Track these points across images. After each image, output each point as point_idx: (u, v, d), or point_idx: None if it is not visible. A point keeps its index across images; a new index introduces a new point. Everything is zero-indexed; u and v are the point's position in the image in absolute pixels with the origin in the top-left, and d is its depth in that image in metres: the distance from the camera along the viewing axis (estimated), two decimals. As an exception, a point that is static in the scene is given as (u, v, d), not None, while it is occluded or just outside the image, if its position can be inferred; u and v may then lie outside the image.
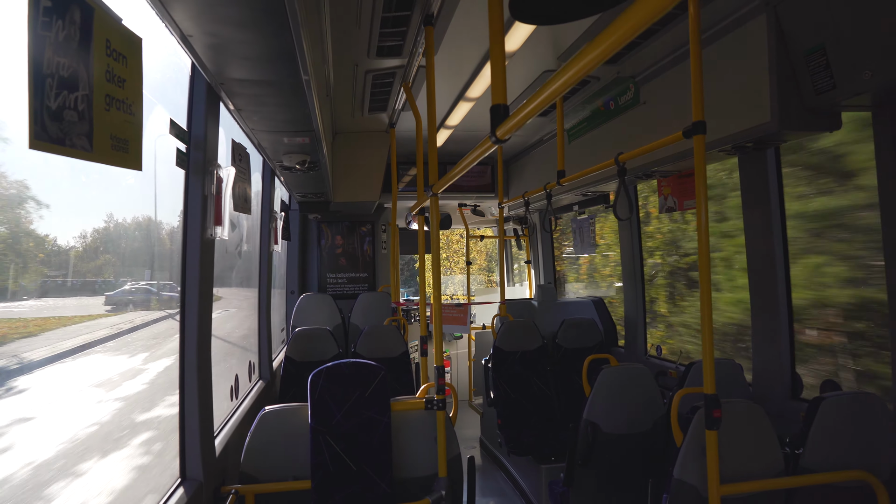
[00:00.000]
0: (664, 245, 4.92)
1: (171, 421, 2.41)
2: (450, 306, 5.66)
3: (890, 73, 2.20)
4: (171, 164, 2.19)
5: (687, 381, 3.16)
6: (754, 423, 2.33)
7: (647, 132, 3.70)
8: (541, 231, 6.93)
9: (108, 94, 1.31)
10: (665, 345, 4.72)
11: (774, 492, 2.30)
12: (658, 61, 3.55)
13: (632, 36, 1.00)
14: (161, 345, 2.72)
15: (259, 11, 1.62)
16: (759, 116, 2.71)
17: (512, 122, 1.53)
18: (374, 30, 2.94)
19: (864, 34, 2.26)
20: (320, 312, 5.69)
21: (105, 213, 2.18)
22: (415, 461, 2.58)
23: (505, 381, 4.77)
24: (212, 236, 2.41)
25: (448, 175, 2.38)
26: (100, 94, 1.27)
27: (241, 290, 4.53)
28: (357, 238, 7.00)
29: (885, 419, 2.32)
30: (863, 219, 3.06)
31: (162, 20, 1.64)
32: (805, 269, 3.30)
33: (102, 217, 2.18)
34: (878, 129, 2.51)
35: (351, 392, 2.52)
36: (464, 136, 5.60)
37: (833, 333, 3.27)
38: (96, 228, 2.14)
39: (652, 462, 3.05)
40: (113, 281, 2.34)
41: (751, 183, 3.26)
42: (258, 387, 4.13)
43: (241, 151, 2.79)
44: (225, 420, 3.12)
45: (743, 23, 2.80)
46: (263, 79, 2.24)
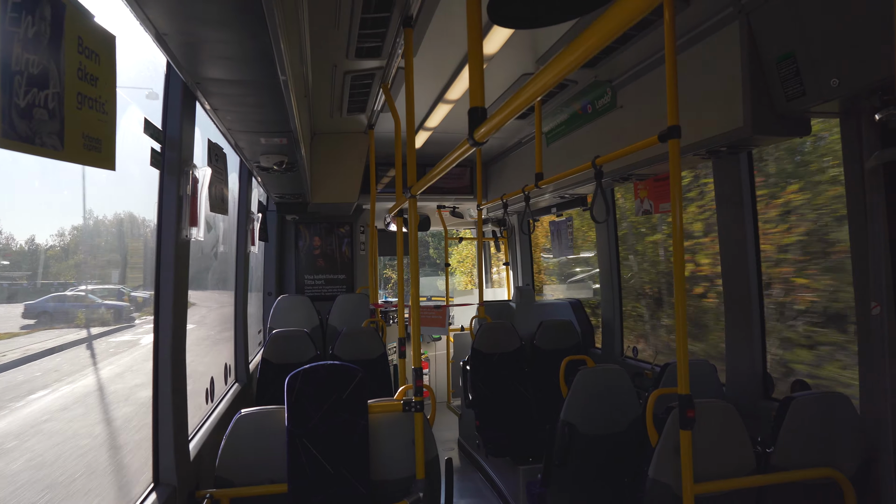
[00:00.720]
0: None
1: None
2: (428, 308, 5.66)
3: (856, 82, 2.26)
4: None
5: (662, 381, 3.20)
6: (727, 422, 2.37)
7: (624, 136, 3.74)
8: (519, 233, 6.97)
9: (80, 92, 1.29)
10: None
11: (746, 490, 2.35)
12: (634, 66, 3.59)
13: (608, 40, 1.01)
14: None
15: (235, 10, 1.60)
16: (733, 121, 2.76)
17: (490, 125, 1.54)
18: (353, 30, 2.93)
19: (832, 43, 2.32)
20: (298, 314, 5.64)
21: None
22: (392, 463, 2.57)
23: (483, 382, 4.79)
24: (187, 237, 2.38)
25: (426, 177, 2.38)
26: (71, 92, 1.25)
27: (216, 293, 4.45)
28: (335, 239, 6.96)
29: (852, 418, 2.38)
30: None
31: (136, 18, 1.62)
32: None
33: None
34: (845, 135, 2.57)
35: (328, 394, 2.51)
36: (443, 137, 5.60)
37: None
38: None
39: (628, 462, 3.09)
40: (55, 284, 1.99)
41: (724, 187, 3.32)
42: (234, 390, 4.08)
43: (218, 151, 2.76)
44: (200, 423, 3.07)
45: (717, 30, 2.85)
46: (240, 78, 2.22)
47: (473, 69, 1.67)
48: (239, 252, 4.52)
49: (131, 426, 2.44)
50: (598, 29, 1.01)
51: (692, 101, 2.98)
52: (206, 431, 2.96)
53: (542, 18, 2.02)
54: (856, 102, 2.42)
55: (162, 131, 2.22)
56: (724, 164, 3.30)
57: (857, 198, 2.53)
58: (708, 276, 4.34)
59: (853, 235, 2.58)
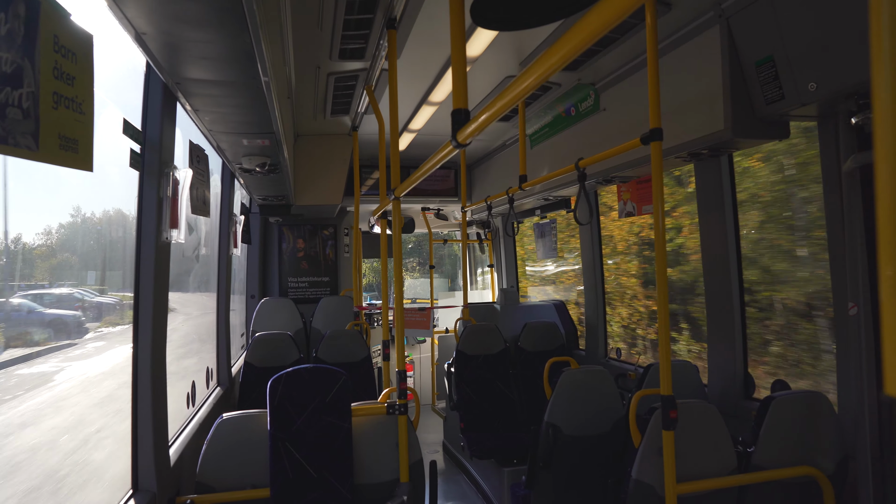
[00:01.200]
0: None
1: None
2: (412, 310, 5.64)
3: (832, 86, 2.30)
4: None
5: (645, 382, 3.22)
6: (709, 422, 2.39)
7: (607, 138, 3.77)
8: (503, 235, 6.98)
9: (56, 91, 1.27)
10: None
11: (727, 489, 2.37)
12: (617, 69, 3.62)
13: (590, 43, 1.01)
14: None
15: (216, 10, 1.58)
16: (714, 124, 2.79)
17: (473, 126, 1.54)
18: (336, 32, 2.92)
19: (810, 48, 2.36)
20: (281, 317, 5.60)
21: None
22: (376, 466, 2.56)
23: (467, 384, 4.78)
24: (167, 240, 2.35)
25: (410, 179, 2.37)
26: (47, 91, 1.23)
27: (197, 296, 4.39)
28: (319, 242, 6.92)
29: (831, 417, 2.42)
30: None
31: (115, 17, 1.59)
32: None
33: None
34: (823, 138, 2.62)
35: (311, 398, 2.49)
36: (427, 140, 5.60)
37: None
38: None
39: (612, 463, 3.10)
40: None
41: (706, 188, 3.35)
42: (216, 393, 4.04)
43: (200, 153, 2.73)
44: (181, 428, 3.03)
45: (698, 33, 2.89)
46: (222, 79, 2.20)
47: (457, 71, 1.67)
48: (221, 255, 4.47)
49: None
50: (580, 31, 1.01)
51: (674, 104, 3.01)
52: (186, 436, 2.92)
53: (525, 21, 2.03)
54: (833, 106, 2.46)
55: (141, 132, 2.19)
56: (705, 167, 3.33)
57: (835, 200, 2.57)
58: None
59: (830, 237, 2.62)
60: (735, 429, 2.54)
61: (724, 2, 2.67)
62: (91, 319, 2.39)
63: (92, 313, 2.39)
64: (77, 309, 2.25)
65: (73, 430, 2.14)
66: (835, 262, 2.60)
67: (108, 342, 2.51)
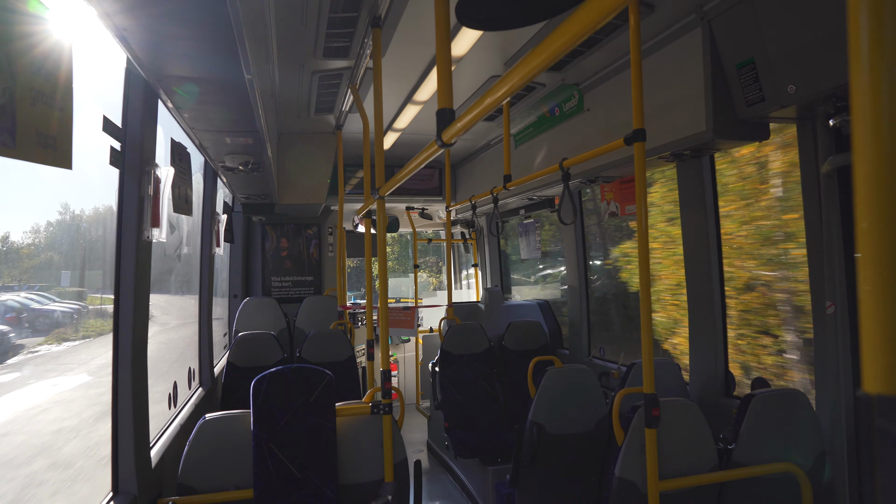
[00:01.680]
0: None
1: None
2: (397, 309, 5.63)
3: (810, 89, 2.33)
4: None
5: (628, 381, 3.25)
6: (690, 420, 2.42)
7: (591, 138, 3.79)
8: (488, 234, 7.00)
9: (34, 87, 1.24)
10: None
11: (709, 485, 2.41)
12: (601, 70, 3.65)
13: (574, 43, 1.02)
14: None
15: (198, 7, 1.57)
16: (696, 126, 2.82)
17: (458, 126, 1.54)
18: (320, 30, 2.90)
19: (789, 51, 2.39)
20: (264, 317, 5.56)
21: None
22: (361, 466, 2.55)
23: (452, 383, 4.79)
24: (148, 239, 2.32)
25: (394, 178, 2.37)
26: (24, 87, 1.20)
27: (178, 299, 4.31)
28: (303, 241, 6.87)
29: (809, 414, 2.46)
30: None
31: (95, 13, 1.57)
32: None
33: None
34: (802, 139, 2.66)
35: (295, 398, 2.47)
36: (411, 139, 5.59)
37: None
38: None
39: (595, 461, 3.12)
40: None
41: (688, 189, 3.39)
42: (198, 394, 4.00)
43: (181, 151, 2.70)
44: (162, 429, 3.00)
45: (680, 35, 2.91)
46: (204, 77, 2.18)
47: (442, 71, 1.67)
48: (203, 254, 4.43)
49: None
50: (564, 32, 1.02)
51: (657, 105, 3.04)
52: (168, 437, 2.89)
53: (510, 20, 2.04)
54: (811, 108, 2.50)
55: (122, 129, 2.16)
56: (687, 168, 3.37)
57: (813, 201, 2.61)
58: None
59: (809, 237, 2.66)
60: (716, 426, 2.57)
61: (706, 4, 2.70)
62: (31, 333, 1.97)
63: (40, 325, 2.00)
64: (10, 321, 1.81)
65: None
66: (813, 262, 2.65)
67: (36, 369, 2.03)
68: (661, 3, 2.77)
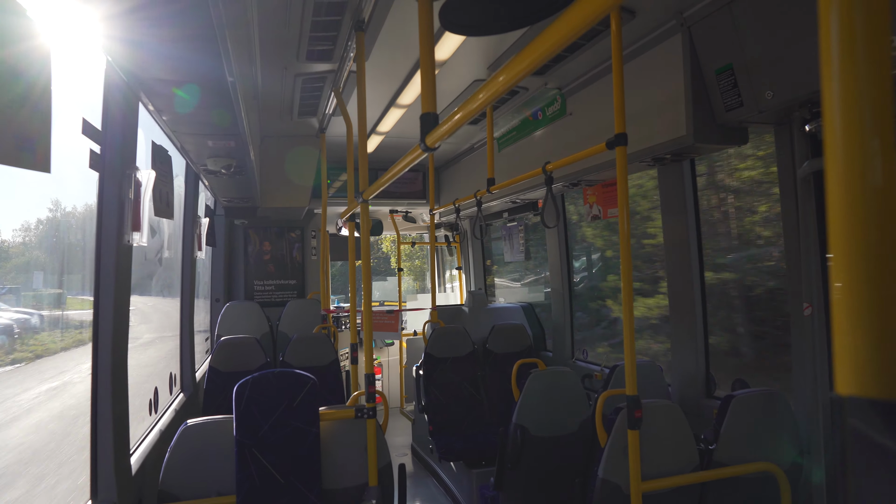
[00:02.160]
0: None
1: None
2: (381, 313, 5.62)
3: (787, 94, 2.38)
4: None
5: (611, 383, 3.28)
6: (672, 421, 2.45)
7: (574, 142, 3.82)
8: (471, 237, 7.01)
9: (12, 91, 1.23)
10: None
11: (690, 485, 2.43)
12: (583, 74, 3.68)
13: (558, 49, 1.03)
14: None
15: (180, 10, 1.56)
16: (676, 130, 2.86)
17: (441, 130, 1.54)
18: (303, 33, 2.90)
19: (767, 57, 2.44)
20: (247, 321, 5.52)
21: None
22: (345, 471, 2.54)
23: (436, 387, 4.79)
24: (129, 243, 2.29)
25: (378, 182, 2.37)
26: (2, 91, 1.19)
27: (157, 310, 4.22)
28: (286, 244, 6.83)
29: (787, 414, 2.50)
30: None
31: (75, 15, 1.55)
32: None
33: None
34: (779, 145, 2.71)
35: (278, 402, 2.46)
36: (395, 142, 5.59)
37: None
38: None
39: (579, 462, 3.14)
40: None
41: (669, 193, 3.43)
42: (179, 399, 3.95)
43: (163, 154, 2.67)
44: (143, 436, 2.96)
45: (661, 41, 2.95)
46: (186, 80, 2.16)
47: (425, 75, 1.67)
48: (185, 257, 4.38)
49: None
50: (547, 37, 1.03)
51: (639, 110, 3.07)
52: (149, 444, 2.85)
53: (493, 26, 2.05)
54: (788, 114, 2.55)
55: (101, 132, 2.14)
56: (668, 171, 3.41)
57: (790, 204, 2.66)
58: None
59: (787, 240, 2.71)
60: (697, 427, 2.61)
61: (687, 10, 2.74)
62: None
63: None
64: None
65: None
66: (790, 264, 2.69)
67: None
68: (643, 8, 2.81)
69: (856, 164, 0.45)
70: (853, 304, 0.46)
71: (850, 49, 0.46)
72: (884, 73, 0.45)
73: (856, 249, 0.45)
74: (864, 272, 0.45)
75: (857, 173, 0.45)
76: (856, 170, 0.45)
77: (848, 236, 0.46)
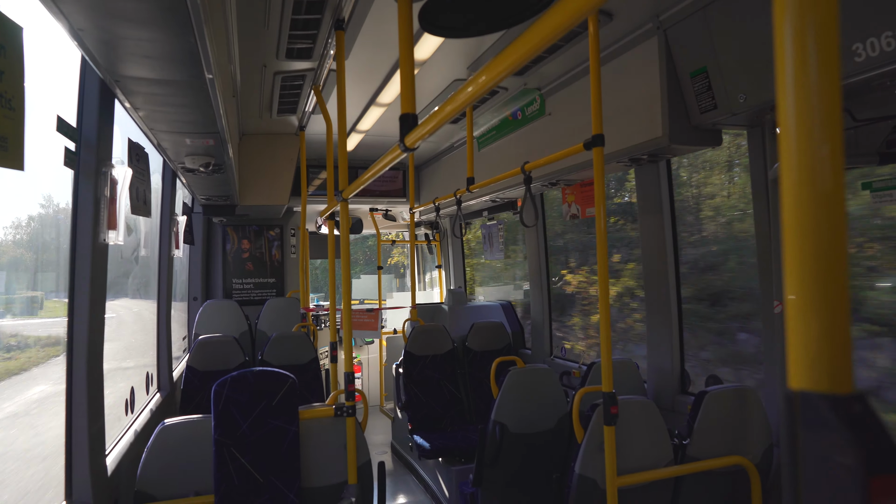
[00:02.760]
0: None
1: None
2: (360, 311, 5.61)
3: (759, 97, 2.44)
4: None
5: (588, 380, 3.32)
6: (647, 417, 2.50)
7: (553, 142, 3.86)
8: (451, 236, 7.04)
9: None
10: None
11: (665, 480, 2.49)
12: (562, 75, 3.72)
13: (537, 51, 1.05)
14: None
15: (158, 7, 1.55)
16: (653, 131, 2.91)
17: (420, 132, 1.56)
18: (283, 31, 2.89)
19: (739, 60, 2.50)
20: (225, 319, 5.47)
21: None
22: (324, 469, 2.54)
23: (416, 385, 4.80)
24: (104, 241, 2.27)
25: (357, 181, 2.38)
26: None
27: (134, 303, 4.14)
28: (265, 242, 6.79)
29: (758, 409, 2.57)
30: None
31: (48, 10, 1.53)
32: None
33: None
34: (752, 146, 2.77)
35: (257, 401, 2.45)
36: (375, 140, 5.59)
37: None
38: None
39: (557, 458, 3.18)
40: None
41: (645, 192, 3.48)
42: (156, 399, 3.91)
43: (140, 152, 2.64)
44: (119, 436, 2.93)
45: (638, 43, 3.00)
46: (164, 77, 2.14)
47: (405, 76, 1.68)
48: (162, 256, 4.34)
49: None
50: (527, 39, 1.04)
51: (616, 111, 3.12)
52: (125, 444, 2.82)
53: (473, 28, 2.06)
54: (761, 117, 2.61)
55: (76, 129, 2.11)
56: (645, 172, 3.46)
57: (762, 205, 2.73)
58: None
59: (759, 239, 2.77)
60: (672, 422, 2.66)
61: (663, 14, 2.79)
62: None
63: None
64: None
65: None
66: (762, 263, 2.76)
67: None
68: (620, 11, 2.85)
69: (805, 171, 0.48)
70: (803, 304, 0.48)
71: (802, 60, 0.49)
72: (833, 82, 0.48)
73: (806, 252, 0.48)
74: (813, 274, 0.48)
75: (807, 179, 0.48)
76: (805, 176, 0.48)
77: (799, 239, 0.48)
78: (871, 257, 2.73)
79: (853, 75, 2.04)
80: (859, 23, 1.99)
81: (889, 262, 2.68)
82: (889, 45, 1.92)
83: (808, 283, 0.48)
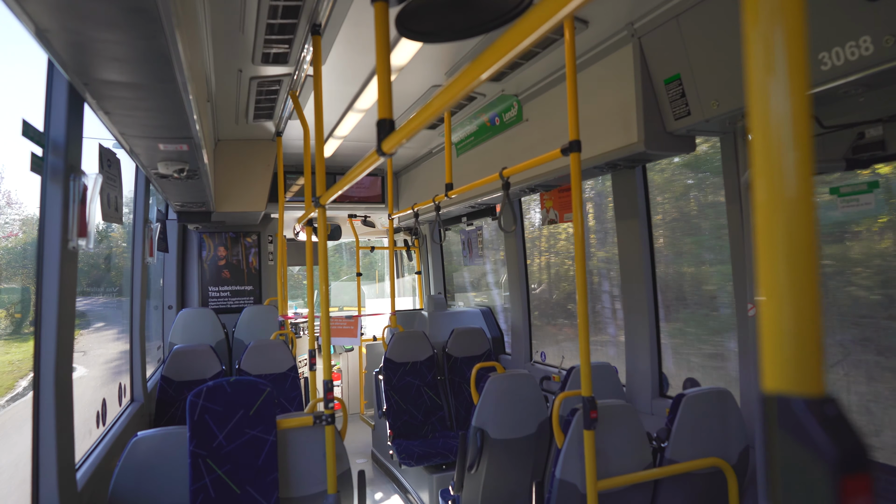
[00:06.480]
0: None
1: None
2: (339, 318, 5.57)
3: (731, 104, 2.48)
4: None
5: (568, 384, 3.33)
6: (626, 421, 2.51)
7: (530, 148, 3.88)
8: (430, 242, 7.03)
9: (-54, 91, 1.18)
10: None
11: (644, 483, 2.50)
12: (539, 81, 3.74)
13: (514, 56, 1.05)
14: None
15: (126, 8, 1.51)
16: (629, 137, 2.94)
17: (398, 137, 1.55)
18: (258, 36, 2.86)
19: (712, 69, 2.54)
20: (201, 328, 5.39)
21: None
22: (303, 479, 2.51)
23: (396, 391, 4.78)
24: (74, 248, 2.22)
25: (335, 187, 2.36)
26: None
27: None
28: (242, 249, 6.71)
29: (734, 411, 2.60)
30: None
31: (11, 10, 1.49)
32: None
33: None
34: (725, 152, 2.82)
35: (234, 411, 2.41)
36: (354, 146, 5.57)
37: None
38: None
39: (537, 464, 3.18)
40: None
41: (622, 197, 3.52)
42: (130, 410, 3.82)
43: (111, 157, 2.59)
44: (90, 450, 2.85)
45: (614, 50, 3.03)
46: (135, 81, 2.10)
47: (382, 82, 1.67)
48: (135, 263, 4.25)
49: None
50: (504, 44, 1.04)
51: (593, 117, 3.14)
52: (97, 457, 2.75)
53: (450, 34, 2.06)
54: (733, 123, 2.66)
55: (43, 134, 2.06)
56: (621, 177, 3.50)
57: (735, 209, 2.77)
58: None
59: (732, 243, 2.82)
60: (651, 425, 2.68)
61: (637, 21, 2.82)
62: None
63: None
64: None
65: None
66: (736, 266, 2.80)
67: None
68: (596, 19, 2.88)
69: (776, 176, 0.48)
70: (775, 306, 0.48)
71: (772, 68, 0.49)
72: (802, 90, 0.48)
73: (777, 255, 0.48)
74: (782, 279, 0.48)
75: (778, 184, 0.48)
76: (776, 181, 0.48)
77: (771, 242, 0.49)
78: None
79: (821, 84, 2.09)
80: (824, 33, 2.04)
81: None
82: (853, 55, 1.97)
83: (780, 285, 0.48)
